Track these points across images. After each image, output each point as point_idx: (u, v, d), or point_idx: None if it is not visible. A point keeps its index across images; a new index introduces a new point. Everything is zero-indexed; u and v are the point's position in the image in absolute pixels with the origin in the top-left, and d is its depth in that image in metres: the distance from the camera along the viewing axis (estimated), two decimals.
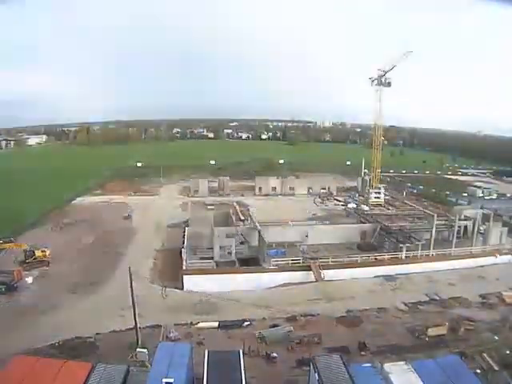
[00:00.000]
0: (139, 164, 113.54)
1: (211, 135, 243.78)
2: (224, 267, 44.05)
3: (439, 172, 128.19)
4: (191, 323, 33.81)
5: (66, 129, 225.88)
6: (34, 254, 45.70)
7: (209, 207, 72.84)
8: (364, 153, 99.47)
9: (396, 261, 47.52)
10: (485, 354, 29.12)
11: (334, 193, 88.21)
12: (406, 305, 38.54)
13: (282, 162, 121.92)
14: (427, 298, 39.89)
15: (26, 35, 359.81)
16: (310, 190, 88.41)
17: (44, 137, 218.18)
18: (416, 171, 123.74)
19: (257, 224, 52.21)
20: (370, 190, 79.00)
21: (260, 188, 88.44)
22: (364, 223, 57.70)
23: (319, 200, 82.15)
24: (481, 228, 55.68)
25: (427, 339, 31.85)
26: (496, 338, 32.06)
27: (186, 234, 50.59)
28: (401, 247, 48.87)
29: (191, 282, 41.21)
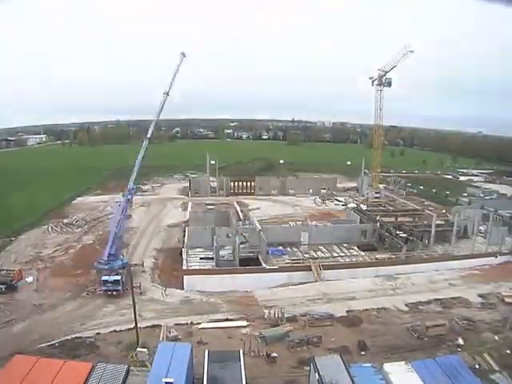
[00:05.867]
0: None
1: (211, 135, 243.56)
2: (224, 267, 44.00)
3: (439, 172, 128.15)
4: (191, 323, 33.81)
5: (65, 129, 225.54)
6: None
7: (209, 207, 72.81)
8: (364, 153, 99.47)
9: (396, 261, 47.51)
10: (485, 354, 29.13)
11: (335, 193, 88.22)
12: (406, 305, 38.54)
13: (282, 162, 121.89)
14: (427, 298, 39.86)
15: None
16: (311, 190, 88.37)
17: (44, 137, 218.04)
18: (416, 171, 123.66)
19: (257, 224, 52.21)
20: (370, 190, 79.03)
21: (260, 188, 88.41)
22: (364, 223, 57.62)
23: (319, 200, 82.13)
24: (481, 228, 55.69)
25: (427, 339, 31.88)
26: (496, 338, 32.08)
27: (186, 233, 50.61)
28: (401, 247, 48.91)
29: (191, 282, 41.17)
